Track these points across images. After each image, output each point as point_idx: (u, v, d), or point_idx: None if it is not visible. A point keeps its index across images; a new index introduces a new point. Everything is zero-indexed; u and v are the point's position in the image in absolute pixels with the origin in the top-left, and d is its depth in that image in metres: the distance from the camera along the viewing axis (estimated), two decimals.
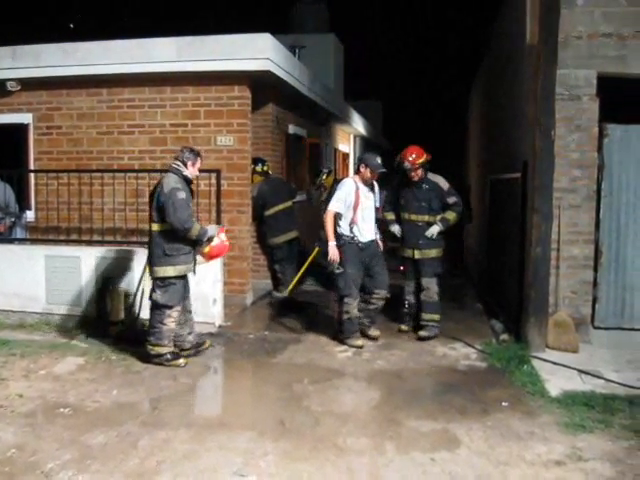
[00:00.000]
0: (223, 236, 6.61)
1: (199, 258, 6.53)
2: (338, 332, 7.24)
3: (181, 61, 8.31)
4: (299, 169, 11.89)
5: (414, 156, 7.31)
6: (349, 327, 7.10)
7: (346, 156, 18.53)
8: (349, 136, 18.98)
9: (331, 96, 13.40)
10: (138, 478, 4.14)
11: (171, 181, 6.17)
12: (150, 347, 6.34)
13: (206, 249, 6.45)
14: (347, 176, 16.93)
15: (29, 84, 8.94)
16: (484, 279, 10.69)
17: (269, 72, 8.36)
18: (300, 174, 11.93)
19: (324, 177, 10.17)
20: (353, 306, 7.04)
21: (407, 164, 7.31)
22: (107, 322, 7.29)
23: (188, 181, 6.36)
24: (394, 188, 7.71)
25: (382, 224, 7.56)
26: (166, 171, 6.38)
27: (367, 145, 22.40)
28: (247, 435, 4.79)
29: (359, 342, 7.08)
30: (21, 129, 9.18)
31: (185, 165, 6.31)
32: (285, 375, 6.23)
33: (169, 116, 8.76)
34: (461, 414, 5.24)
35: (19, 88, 9.00)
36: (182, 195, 6.09)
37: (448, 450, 4.57)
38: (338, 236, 7.03)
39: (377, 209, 7.29)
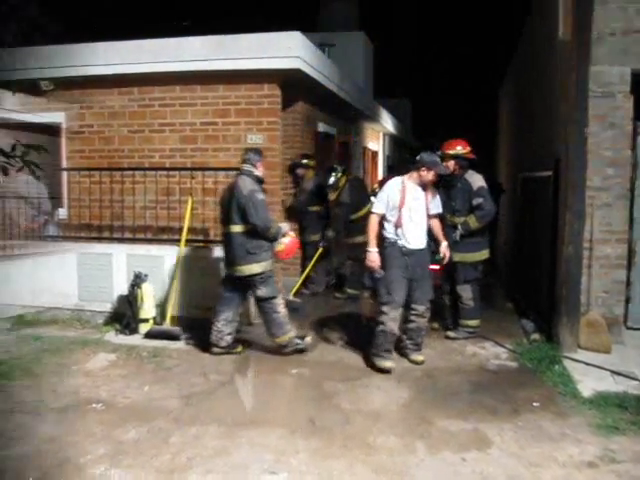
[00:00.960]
0: (292, 233, 6.90)
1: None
2: (371, 345, 6.39)
3: (211, 60, 8.33)
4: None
5: (458, 148, 7.30)
6: (381, 341, 6.27)
7: (375, 154, 18.48)
8: (379, 134, 18.93)
9: (361, 94, 13.35)
10: (169, 474, 4.19)
11: (247, 184, 6.37)
12: (277, 340, 6.61)
13: (280, 247, 6.69)
14: (376, 174, 16.99)
15: (62, 83, 9.03)
16: (515, 278, 10.60)
17: (299, 70, 8.35)
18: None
19: (338, 175, 9.51)
20: (390, 317, 6.19)
21: (440, 152, 7.27)
22: (138, 319, 7.37)
23: (260, 181, 6.57)
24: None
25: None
26: (196, 169, 6.42)
27: (396, 144, 22.32)
28: (278, 432, 4.81)
29: (387, 364, 6.23)
30: (54, 128, 9.29)
31: (255, 166, 6.52)
32: (315, 373, 6.24)
33: (199, 114, 8.79)
34: (492, 414, 5.21)
35: (52, 87, 9.09)
36: (261, 196, 6.35)
37: (479, 450, 4.55)
38: (382, 240, 6.42)
39: (431, 216, 6.51)
